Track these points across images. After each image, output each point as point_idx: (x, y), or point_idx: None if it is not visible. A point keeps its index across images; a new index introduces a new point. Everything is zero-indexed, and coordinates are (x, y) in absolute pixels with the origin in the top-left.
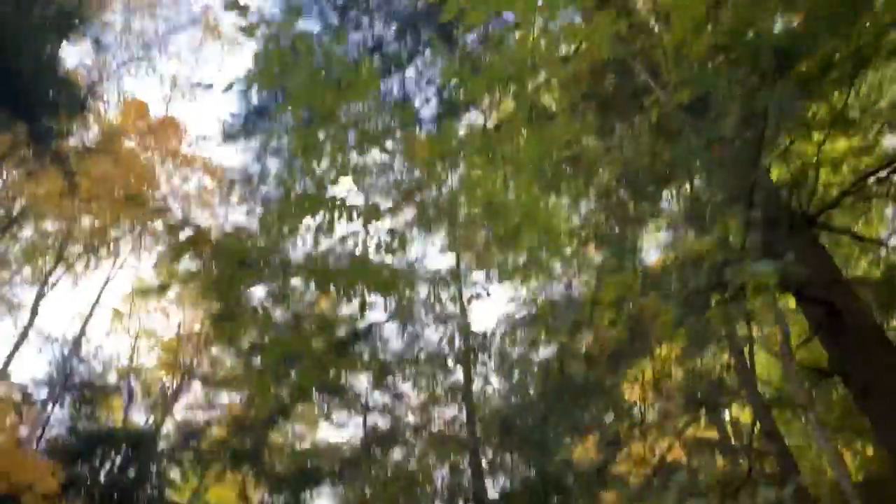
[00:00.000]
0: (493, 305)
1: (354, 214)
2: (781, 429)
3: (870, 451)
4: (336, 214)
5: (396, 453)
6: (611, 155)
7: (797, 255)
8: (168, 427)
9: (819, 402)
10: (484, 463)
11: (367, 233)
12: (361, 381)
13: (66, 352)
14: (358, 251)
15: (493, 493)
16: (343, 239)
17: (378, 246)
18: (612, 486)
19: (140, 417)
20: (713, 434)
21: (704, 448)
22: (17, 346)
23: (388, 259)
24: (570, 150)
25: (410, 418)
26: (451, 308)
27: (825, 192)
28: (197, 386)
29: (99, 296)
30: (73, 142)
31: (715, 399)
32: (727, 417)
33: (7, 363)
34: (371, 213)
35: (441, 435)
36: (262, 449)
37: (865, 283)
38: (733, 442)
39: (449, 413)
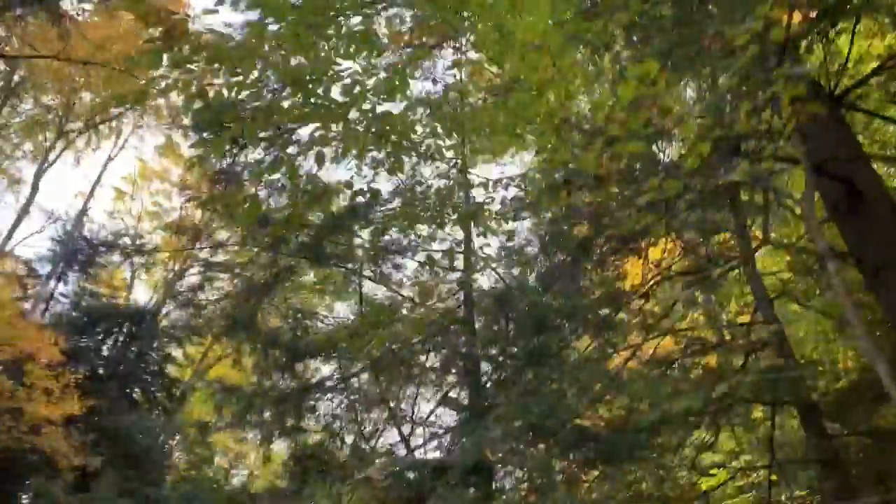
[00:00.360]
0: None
1: (352, 47)
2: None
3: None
4: (333, 47)
5: (393, 326)
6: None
7: (821, 132)
8: (169, 307)
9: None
10: (479, 338)
11: (366, 69)
12: (359, 254)
13: (68, 227)
14: (356, 89)
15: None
16: (338, 75)
17: (376, 84)
18: (601, 373)
19: (143, 297)
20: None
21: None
22: (17, 221)
23: (386, 101)
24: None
25: (407, 292)
26: (451, 157)
27: (855, 71)
28: (198, 266)
29: (100, 175)
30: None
31: (713, 273)
32: (724, 319)
33: (9, 237)
34: (368, 44)
35: (438, 309)
36: (258, 316)
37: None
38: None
39: (446, 287)
